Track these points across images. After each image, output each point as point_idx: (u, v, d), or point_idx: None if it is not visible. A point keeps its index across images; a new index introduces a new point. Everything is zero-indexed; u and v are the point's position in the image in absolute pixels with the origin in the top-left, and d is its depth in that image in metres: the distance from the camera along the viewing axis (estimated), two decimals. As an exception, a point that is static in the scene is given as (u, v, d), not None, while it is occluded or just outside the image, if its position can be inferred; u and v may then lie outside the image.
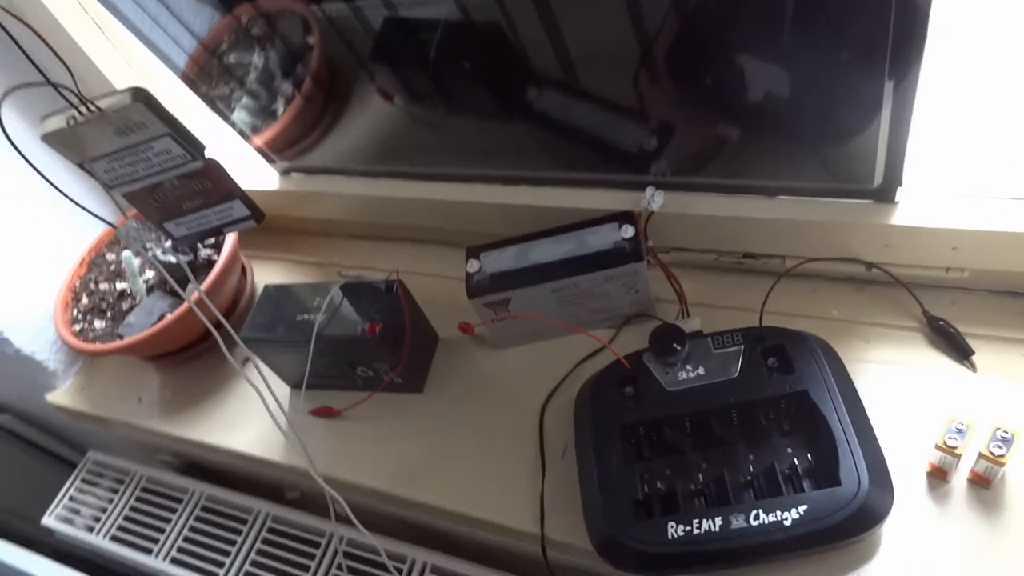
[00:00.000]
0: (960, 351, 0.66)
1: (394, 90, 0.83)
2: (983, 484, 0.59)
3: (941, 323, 0.68)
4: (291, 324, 0.78)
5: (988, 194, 0.63)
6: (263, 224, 0.65)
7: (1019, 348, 0.66)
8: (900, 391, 0.66)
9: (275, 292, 0.81)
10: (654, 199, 0.72)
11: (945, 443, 0.57)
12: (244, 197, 0.62)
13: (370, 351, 0.77)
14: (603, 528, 0.62)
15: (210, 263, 0.89)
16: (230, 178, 0.61)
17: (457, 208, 0.84)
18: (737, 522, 0.58)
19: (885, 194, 0.65)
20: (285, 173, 0.95)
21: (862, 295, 0.74)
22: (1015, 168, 0.64)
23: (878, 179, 0.64)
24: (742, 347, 0.67)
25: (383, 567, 0.86)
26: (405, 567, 0.86)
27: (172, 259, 0.86)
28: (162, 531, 0.97)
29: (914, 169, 0.63)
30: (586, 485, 0.65)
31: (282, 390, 0.86)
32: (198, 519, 0.97)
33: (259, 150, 0.93)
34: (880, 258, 0.69)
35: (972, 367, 0.66)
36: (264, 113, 0.90)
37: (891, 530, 0.60)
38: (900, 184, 0.64)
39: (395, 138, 0.87)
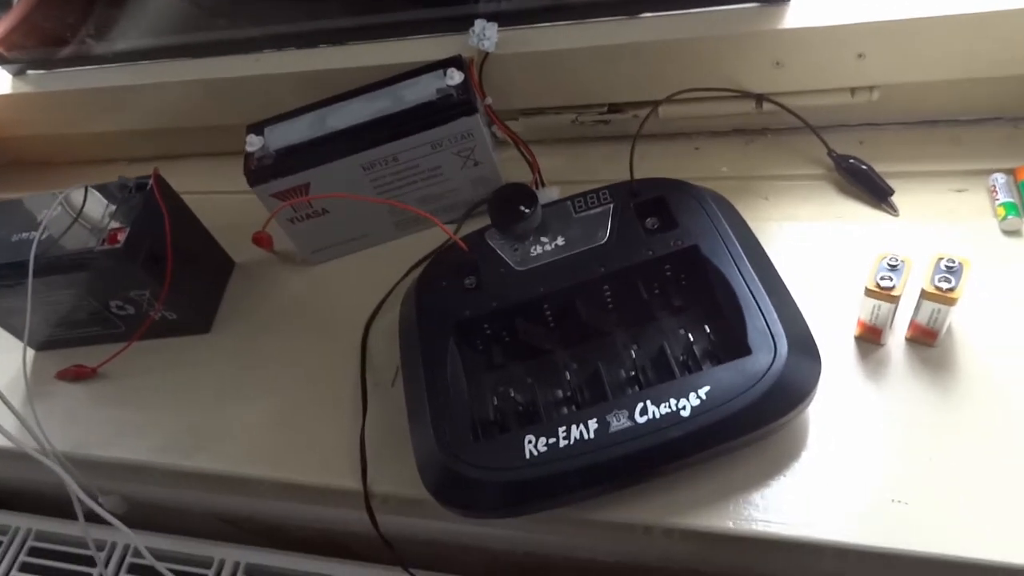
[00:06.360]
0: (877, 192, 0.53)
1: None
2: (927, 340, 0.45)
3: (852, 160, 0.54)
4: (6, 247, 0.56)
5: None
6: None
7: (945, 181, 0.53)
8: (811, 249, 0.52)
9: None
10: (485, 34, 0.55)
11: (878, 284, 0.43)
12: None
13: (120, 274, 0.55)
14: (436, 463, 0.43)
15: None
16: None
17: (244, 88, 0.64)
18: (618, 422, 0.41)
19: (772, -11, 0.50)
20: (20, 73, 0.72)
21: (754, 146, 0.59)
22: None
23: (761, -34, 0.50)
24: (611, 206, 0.50)
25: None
26: (211, 571, 0.64)
27: None
28: None
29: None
30: (415, 412, 0.47)
31: (15, 357, 0.62)
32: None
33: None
34: (772, 86, 0.54)
35: (893, 210, 0.52)
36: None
37: (818, 416, 0.45)
38: (789, -30, 0.49)
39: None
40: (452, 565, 0.57)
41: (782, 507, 0.42)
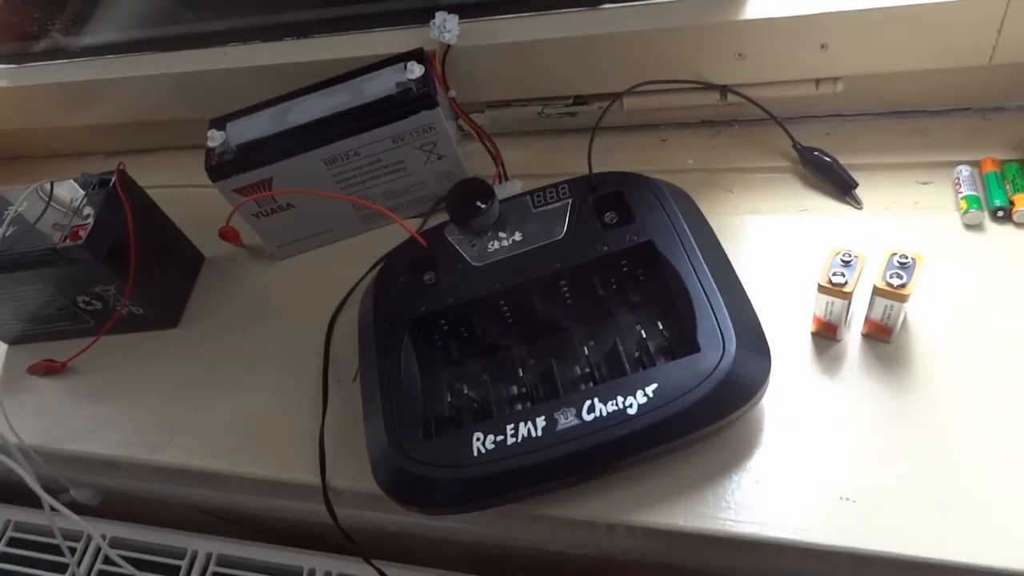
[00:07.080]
0: (841, 185, 0.52)
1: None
2: (882, 336, 0.45)
3: (816, 153, 0.53)
4: (-31, 245, 0.56)
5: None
6: None
7: (911, 174, 0.52)
8: (774, 244, 0.52)
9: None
10: (446, 27, 0.54)
11: (830, 281, 0.42)
12: None
13: (83, 269, 0.55)
14: (387, 460, 0.43)
15: None
16: None
17: (213, 81, 0.64)
18: (566, 420, 0.41)
19: (731, -20, 0.50)
20: (-11, 69, 0.72)
21: (720, 139, 0.59)
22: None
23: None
24: (570, 201, 0.50)
25: (153, 567, 0.64)
26: (184, 562, 0.65)
27: None
28: None
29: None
30: (369, 409, 0.47)
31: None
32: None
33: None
34: (736, 77, 0.54)
35: (857, 203, 0.52)
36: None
37: (772, 413, 0.45)
38: (748, -40, 0.48)
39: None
40: (423, 557, 0.58)
41: (732, 504, 0.42)
